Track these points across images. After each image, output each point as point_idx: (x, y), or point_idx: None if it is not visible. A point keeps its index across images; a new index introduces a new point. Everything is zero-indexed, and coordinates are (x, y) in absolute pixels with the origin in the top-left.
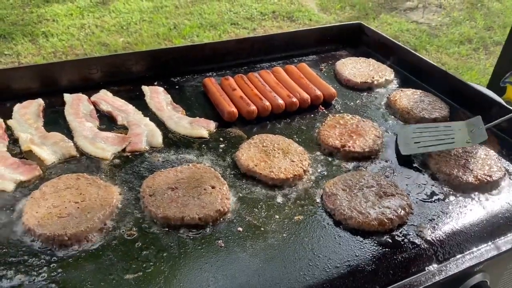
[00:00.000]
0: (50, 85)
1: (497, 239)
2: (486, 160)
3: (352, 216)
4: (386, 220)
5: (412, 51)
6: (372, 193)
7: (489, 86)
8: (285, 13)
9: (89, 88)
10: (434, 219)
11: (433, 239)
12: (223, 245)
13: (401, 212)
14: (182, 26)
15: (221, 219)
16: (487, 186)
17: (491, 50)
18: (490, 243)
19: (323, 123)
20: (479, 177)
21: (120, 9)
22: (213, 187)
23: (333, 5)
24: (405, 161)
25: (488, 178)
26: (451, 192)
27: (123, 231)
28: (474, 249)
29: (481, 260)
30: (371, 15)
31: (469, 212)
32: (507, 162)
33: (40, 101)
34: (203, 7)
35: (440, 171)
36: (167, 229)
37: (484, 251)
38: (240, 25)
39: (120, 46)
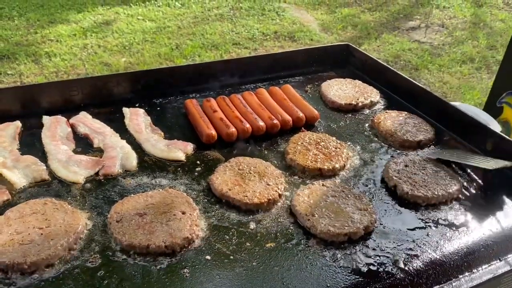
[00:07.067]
0: (30, 107)
1: (478, 268)
2: None
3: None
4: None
5: (399, 73)
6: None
7: (486, 106)
8: (287, 33)
9: (70, 110)
10: (411, 248)
11: (409, 269)
12: (188, 274)
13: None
14: (184, 46)
15: (190, 246)
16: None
17: (494, 69)
18: (469, 273)
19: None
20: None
21: (123, 29)
22: (183, 213)
23: (335, 25)
24: (385, 186)
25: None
26: (431, 219)
27: (86, 259)
28: (453, 279)
29: None
30: (373, 34)
31: (448, 240)
32: None
33: (17, 124)
34: (206, 28)
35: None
36: (132, 257)
37: (464, 281)
38: (241, 45)
39: (122, 66)
